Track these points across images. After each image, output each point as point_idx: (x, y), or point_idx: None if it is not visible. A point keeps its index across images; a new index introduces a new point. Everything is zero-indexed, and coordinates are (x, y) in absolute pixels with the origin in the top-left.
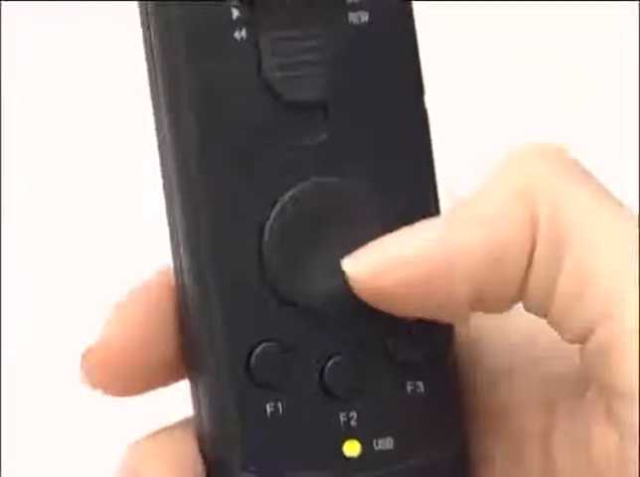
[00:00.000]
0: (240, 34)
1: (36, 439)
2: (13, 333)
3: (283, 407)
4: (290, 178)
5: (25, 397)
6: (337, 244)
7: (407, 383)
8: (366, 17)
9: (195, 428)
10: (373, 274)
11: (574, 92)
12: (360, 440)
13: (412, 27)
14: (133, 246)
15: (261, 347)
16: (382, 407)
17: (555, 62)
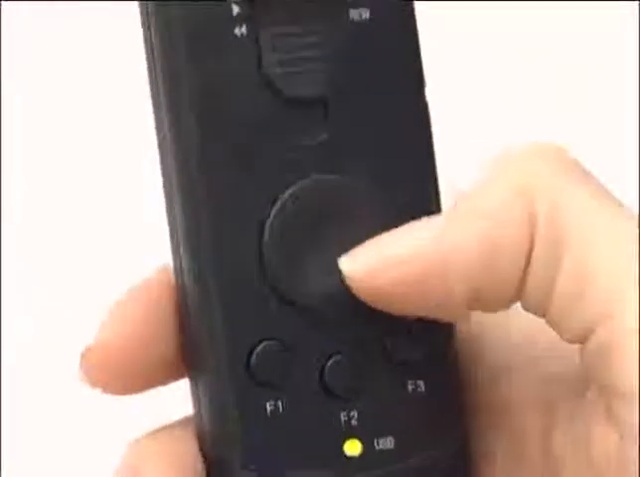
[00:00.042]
0: (241, 30)
1: (36, 439)
2: (13, 333)
3: (284, 406)
4: (291, 176)
5: (25, 397)
6: (338, 242)
7: (408, 382)
8: (367, 14)
9: (195, 427)
10: (369, 273)
11: (575, 92)
12: (361, 440)
13: (414, 24)
14: (133, 246)
15: (262, 345)
16: (382, 407)
17: (555, 62)
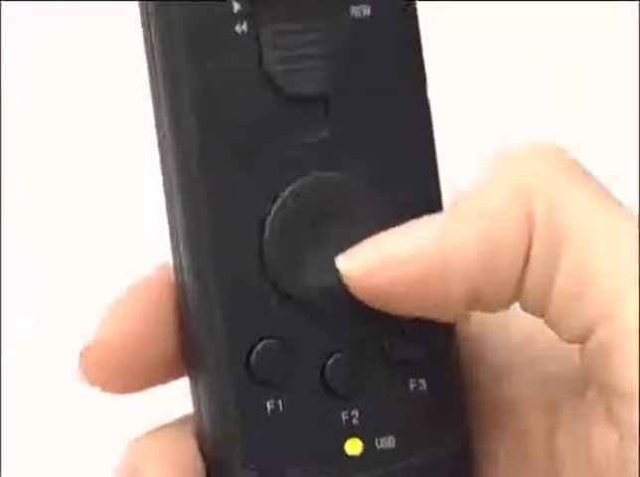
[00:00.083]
0: (242, 27)
1: (36, 439)
2: (13, 333)
3: (284, 405)
4: (291, 173)
5: (25, 397)
6: (339, 240)
7: (410, 380)
8: (368, 11)
9: (194, 426)
10: (367, 272)
11: (575, 92)
12: (362, 439)
13: (415, 21)
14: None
15: (262, 344)
16: (383, 405)
17: (555, 62)
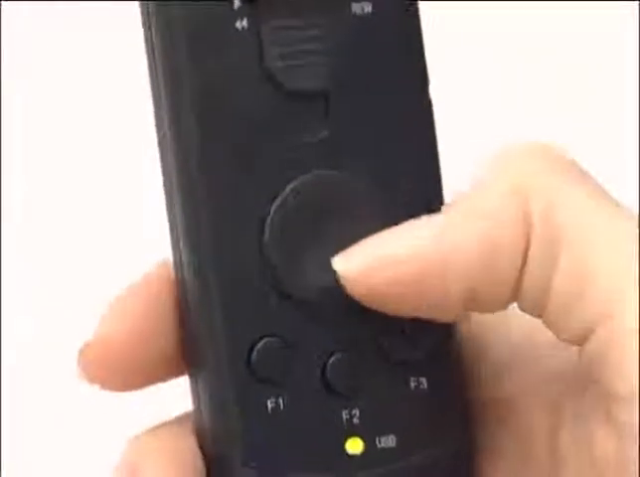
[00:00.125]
0: (242, 23)
1: (36, 439)
2: (13, 333)
3: (285, 403)
4: (292, 172)
5: (25, 397)
6: (340, 239)
7: (411, 379)
8: (369, 8)
9: (194, 424)
10: (364, 273)
11: (575, 92)
12: (362, 438)
13: (417, 18)
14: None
15: (263, 342)
16: (384, 405)
17: (555, 62)
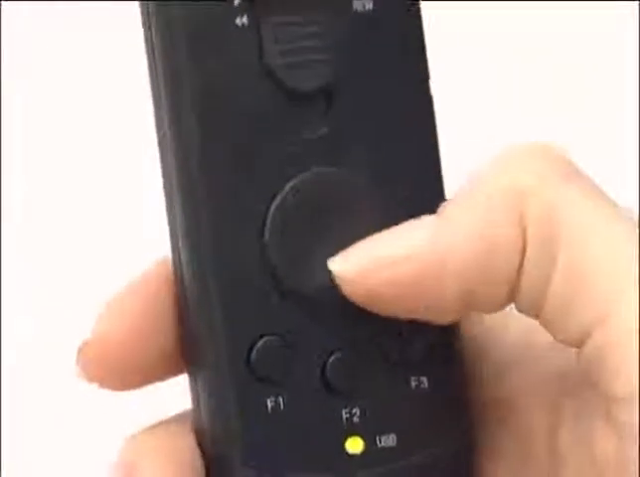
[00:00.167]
0: (242, 20)
1: (36, 439)
2: (13, 333)
3: (284, 403)
4: (292, 169)
5: (25, 397)
6: (340, 237)
7: (411, 378)
8: (370, 4)
9: (193, 423)
10: (360, 274)
11: (574, 92)
12: (363, 437)
13: (418, 16)
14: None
15: (262, 341)
16: (385, 404)
17: (554, 62)
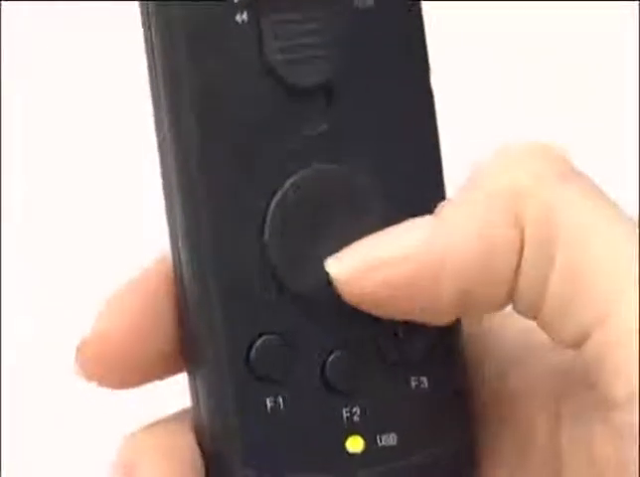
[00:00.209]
0: (242, 17)
1: (36, 439)
2: (13, 333)
3: (284, 402)
4: (292, 166)
5: (25, 397)
6: (340, 235)
7: (412, 378)
8: (371, 1)
9: (193, 422)
10: (355, 275)
11: (575, 92)
12: (363, 436)
13: (418, 12)
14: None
15: (262, 339)
16: (385, 403)
17: (555, 62)
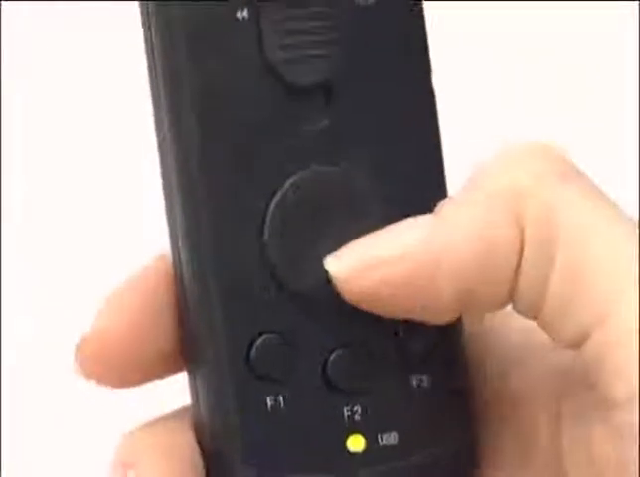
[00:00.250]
0: (242, 14)
1: (36, 438)
2: (13, 333)
3: (285, 401)
4: (292, 166)
5: (25, 397)
6: (340, 234)
7: (413, 377)
8: None
9: (193, 420)
10: (354, 274)
11: (575, 92)
12: (364, 435)
13: (421, 10)
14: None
15: (262, 338)
16: (386, 402)
17: (555, 62)
